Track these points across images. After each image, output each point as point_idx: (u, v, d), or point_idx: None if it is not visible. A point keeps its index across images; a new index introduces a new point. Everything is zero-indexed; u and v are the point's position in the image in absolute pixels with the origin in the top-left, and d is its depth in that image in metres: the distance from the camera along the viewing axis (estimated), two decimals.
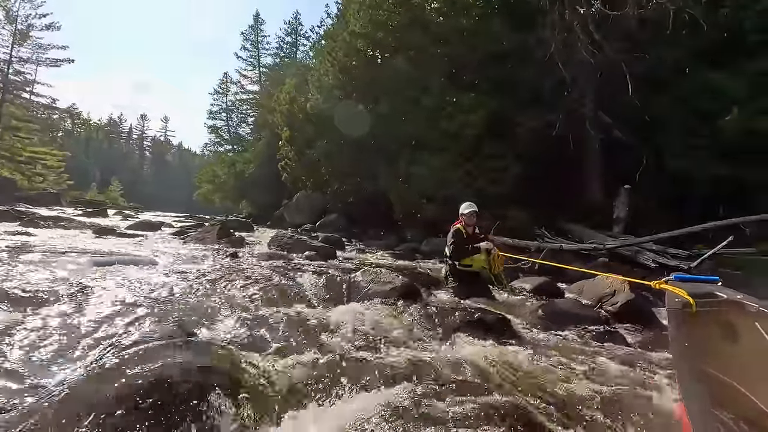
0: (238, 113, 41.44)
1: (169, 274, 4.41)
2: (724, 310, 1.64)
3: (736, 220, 7.73)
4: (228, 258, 6.19)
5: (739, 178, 9.00)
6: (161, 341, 2.42)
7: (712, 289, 1.68)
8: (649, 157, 10.70)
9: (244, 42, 40.87)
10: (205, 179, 35.16)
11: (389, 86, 13.96)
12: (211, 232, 8.93)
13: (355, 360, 2.73)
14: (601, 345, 3.59)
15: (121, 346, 2.33)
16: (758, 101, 8.38)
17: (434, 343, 3.16)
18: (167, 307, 3.25)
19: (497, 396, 2.28)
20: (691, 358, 1.43)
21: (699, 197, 9.83)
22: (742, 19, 9.17)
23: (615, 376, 2.79)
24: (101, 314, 2.98)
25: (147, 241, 8.47)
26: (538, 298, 5.20)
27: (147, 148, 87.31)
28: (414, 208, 12.32)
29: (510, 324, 3.68)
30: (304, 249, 7.72)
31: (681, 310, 1.56)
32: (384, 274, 4.53)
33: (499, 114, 11.87)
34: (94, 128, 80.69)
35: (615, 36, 10.86)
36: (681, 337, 1.49)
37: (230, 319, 3.18)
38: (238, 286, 4.10)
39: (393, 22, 14.80)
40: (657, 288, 1.78)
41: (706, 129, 9.33)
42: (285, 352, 2.66)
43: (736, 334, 1.65)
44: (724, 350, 1.67)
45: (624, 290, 4.51)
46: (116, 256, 5.19)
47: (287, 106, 19.64)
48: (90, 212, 18.28)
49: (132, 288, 3.68)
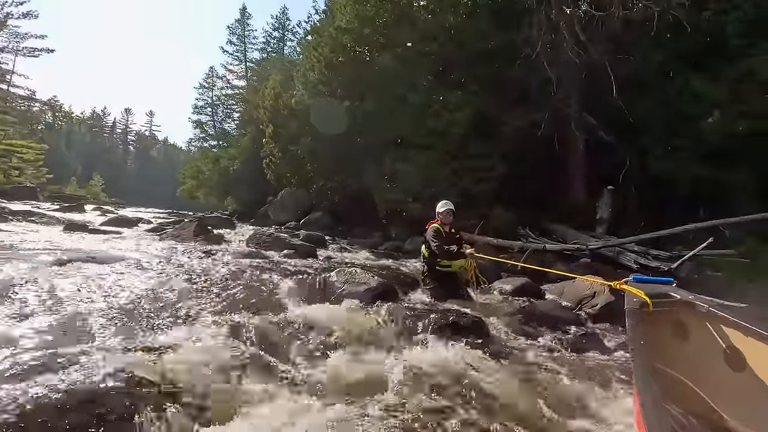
0: (224, 108, 40.73)
1: (132, 273, 4.18)
2: (677, 310, 1.77)
3: (716, 222, 7.77)
4: (201, 256, 5.96)
5: (720, 180, 9.08)
6: (108, 345, 2.25)
7: (668, 290, 1.78)
8: (633, 158, 10.75)
9: (231, 36, 40.24)
10: (189, 175, 34.47)
11: (375, 83, 13.78)
12: (188, 229, 8.66)
13: (319, 363, 2.59)
14: (579, 347, 3.51)
15: (59, 354, 2.13)
16: (738, 105, 8.44)
17: (406, 346, 3.03)
18: (121, 309, 3.04)
19: (468, 400, 2.21)
20: (646, 354, 1.49)
21: (680, 199, 9.89)
22: (724, 24, 9.23)
23: (589, 378, 2.72)
24: (41, 318, 2.76)
25: (119, 238, 8.17)
26: (518, 299, 5.11)
27: (131, 143, 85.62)
28: (399, 207, 12.18)
29: (487, 326, 3.57)
30: (283, 247, 7.52)
31: (638, 310, 1.64)
32: (359, 274, 4.39)
33: (486, 113, 11.80)
34: (76, 121, 78.76)
35: (600, 37, 10.87)
36: (637, 335, 1.54)
37: (190, 321, 3.00)
38: (205, 285, 3.90)
39: (380, 18, 14.64)
40: (617, 288, 1.87)
41: (689, 131, 9.39)
42: (245, 355, 2.49)
43: (687, 333, 1.78)
44: (676, 347, 1.80)
45: (604, 292, 4.44)
46: (80, 253, 4.93)
47: (272, 102, 19.32)
48: (66, 207, 17.71)
49: (87, 288, 3.46)
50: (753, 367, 1.55)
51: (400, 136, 12.92)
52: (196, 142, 42.27)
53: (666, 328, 1.79)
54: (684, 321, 1.77)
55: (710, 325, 1.69)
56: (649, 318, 1.64)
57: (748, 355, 1.57)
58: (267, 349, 2.64)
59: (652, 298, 1.64)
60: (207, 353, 2.38)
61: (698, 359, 1.72)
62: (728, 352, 1.62)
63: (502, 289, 5.57)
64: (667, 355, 1.77)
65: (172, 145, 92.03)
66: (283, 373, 2.40)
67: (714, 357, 1.66)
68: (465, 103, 11.66)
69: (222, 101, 40.90)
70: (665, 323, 1.78)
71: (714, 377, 1.66)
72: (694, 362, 1.73)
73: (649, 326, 1.63)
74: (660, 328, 1.76)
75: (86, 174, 58.51)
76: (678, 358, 1.77)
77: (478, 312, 3.93)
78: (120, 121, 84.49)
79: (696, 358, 1.72)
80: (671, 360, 1.77)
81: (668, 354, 1.77)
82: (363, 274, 4.40)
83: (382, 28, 14.74)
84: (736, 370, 1.60)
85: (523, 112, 11.48)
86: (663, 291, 1.75)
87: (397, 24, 14.19)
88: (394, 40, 13.97)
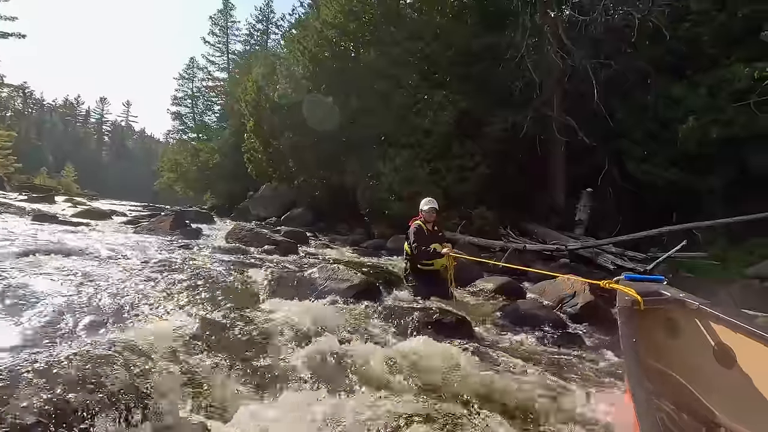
0: (204, 100, 39.78)
1: (104, 266, 4.01)
2: (668, 308, 1.79)
3: (689, 225, 8.05)
4: (178, 250, 5.79)
5: (692, 185, 9.40)
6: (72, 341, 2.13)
7: (658, 288, 1.80)
8: (611, 161, 11.00)
9: (213, 27, 39.31)
10: (167, 168, 33.48)
11: (360, 80, 13.68)
12: (165, 222, 8.42)
13: (298, 360, 2.52)
14: (559, 346, 3.54)
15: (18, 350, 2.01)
16: (712, 112, 8.73)
17: (388, 344, 2.99)
18: (89, 304, 2.90)
19: (450, 396, 2.21)
20: (638, 352, 1.52)
21: (656, 202, 10.19)
22: (701, 34, 9.52)
23: (569, 378, 2.74)
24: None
25: (92, 230, 7.86)
26: (500, 298, 5.14)
27: (106, 133, 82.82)
28: (381, 205, 12.13)
29: (469, 325, 3.56)
30: (264, 243, 7.37)
31: (630, 308, 1.66)
32: (342, 271, 4.32)
33: (470, 113, 11.87)
34: (48, 109, 75.73)
35: (583, 42, 11.08)
36: (630, 333, 1.56)
37: (164, 316, 2.89)
38: (181, 280, 3.77)
39: (366, 14, 14.54)
40: (607, 287, 1.90)
41: (665, 137, 9.66)
42: (221, 352, 2.41)
43: (678, 330, 1.81)
44: (667, 345, 1.84)
45: (584, 292, 4.50)
46: (49, 245, 4.71)
47: (254, 96, 18.95)
48: (35, 198, 17.00)
49: (54, 281, 3.29)
50: (741, 363, 1.59)
51: (383, 133, 12.87)
52: (174, 134, 41.22)
53: (657, 325, 1.82)
54: (675, 319, 1.80)
55: (700, 323, 1.71)
56: (641, 316, 1.66)
57: (737, 352, 1.60)
58: (243, 345, 2.55)
59: (644, 297, 1.65)
60: (179, 348, 2.30)
61: (689, 356, 1.75)
62: (717, 349, 1.66)
63: (484, 287, 5.59)
64: (658, 352, 1.80)
65: (149, 137, 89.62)
66: (260, 369, 2.33)
67: (704, 354, 1.69)
68: (449, 103, 11.68)
69: (202, 93, 39.97)
70: (656, 321, 1.81)
71: (704, 373, 1.70)
72: (685, 359, 1.76)
73: (641, 324, 1.65)
74: (651, 325, 1.79)
75: (58, 164, 56.32)
76: (669, 355, 1.80)
77: (460, 310, 3.92)
78: (95, 110, 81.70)
79: (687, 355, 1.76)
80: (663, 357, 1.80)
81: (660, 351, 1.81)
82: (345, 270, 4.33)
83: (369, 25, 14.64)
84: (726, 366, 1.64)
85: (506, 114, 11.59)
86: (654, 289, 1.76)
87: (384, 21, 14.12)
88: (380, 37, 13.89)
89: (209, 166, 28.41)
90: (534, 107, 11.53)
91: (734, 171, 9.02)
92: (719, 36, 9.31)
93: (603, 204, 10.98)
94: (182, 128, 39.27)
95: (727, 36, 9.20)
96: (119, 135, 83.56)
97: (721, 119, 8.59)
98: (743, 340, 1.56)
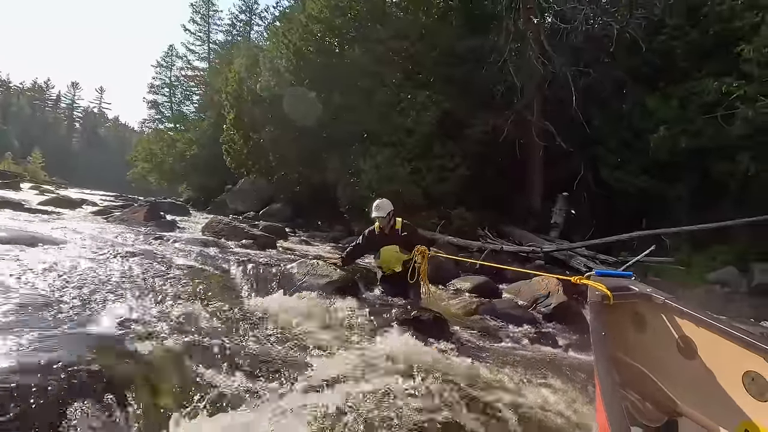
0: (183, 90, 38.63)
1: (71, 257, 3.85)
2: (636, 302, 1.86)
3: (658, 231, 8.38)
4: (152, 242, 5.62)
5: (661, 192, 9.79)
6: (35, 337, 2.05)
7: (627, 284, 1.86)
8: (586, 167, 11.32)
9: (194, 15, 38.20)
10: (141, 158, 32.41)
11: (344, 76, 13.62)
12: (138, 213, 8.17)
13: (275, 356, 2.50)
14: (532, 345, 3.63)
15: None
16: (682, 122, 9.11)
17: (365, 341, 3.00)
18: (56, 298, 2.78)
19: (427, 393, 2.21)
20: (607, 344, 1.56)
21: (627, 208, 10.55)
22: (675, 47, 9.91)
23: (541, 373, 2.81)
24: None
25: (60, 219, 7.55)
26: (476, 297, 5.21)
27: (77, 119, 79.66)
28: (361, 202, 12.12)
29: (446, 323, 3.60)
30: (241, 237, 7.25)
31: (600, 303, 1.70)
32: (321, 266, 4.30)
33: (452, 114, 11.98)
34: (14, 92, 72.23)
35: (564, 50, 11.35)
36: (599, 327, 1.60)
37: (135, 310, 2.80)
38: (154, 272, 3.67)
39: (352, 10, 14.47)
40: (579, 283, 1.96)
41: (638, 145, 10.02)
42: (194, 348, 2.36)
43: (644, 323, 1.88)
44: (634, 338, 1.91)
45: (557, 292, 4.62)
46: (11, 233, 4.49)
47: (235, 87, 18.60)
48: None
49: (15, 272, 3.14)
50: (702, 354, 1.67)
51: (365, 131, 12.86)
52: (150, 123, 39.81)
53: (625, 319, 1.89)
54: (642, 313, 1.86)
55: (665, 317, 1.78)
56: (610, 311, 1.70)
57: (698, 344, 1.68)
58: (218, 340, 2.51)
59: (613, 292, 1.71)
60: (150, 344, 2.23)
61: (654, 348, 1.81)
62: (681, 342, 1.73)
63: (461, 287, 5.67)
64: (626, 344, 1.87)
65: (123, 125, 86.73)
66: (235, 365, 2.30)
67: (668, 346, 1.76)
68: (432, 104, 11.77)
69: (181, 82, 38.80)
70: (625, 315, 1.87)
71: (668, 365, 1.77)
72: (651, 351, 1.83)
73: (610, 318, 1.70)
74: (620, 319, 1.85)
75: (24, 150, 53.77)
76: (636, 347, 1.87)
77: (438, 309, 3.96)
78: (65, 95, 78.43)
79: (652, 348, 1.82)
80: (630, 349, 1.87)
81: (627, 344, 1.87)
82: (325, 266, 4.31)
83: (354, 21, 14.58)
84: (688, 358, 1.71)
85: (487, 116, 11.76)
86: (623, 284, 1.83)
87: (370, 18, 14.09)
88: (365, 34, 13.87)
89: (186, 157, 27.67)
90: (515, 111, 11.74)
91: (698, 179, 9.45)
92: (692, 50, 9.73)
93: (578, 208, 11.30)
94: (158, 117, 38.01)
95: (698, 50, 9.63)
96: (91, 122, 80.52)
97: (690, 130, 8.98)
98: (704, 333, 1.64)
